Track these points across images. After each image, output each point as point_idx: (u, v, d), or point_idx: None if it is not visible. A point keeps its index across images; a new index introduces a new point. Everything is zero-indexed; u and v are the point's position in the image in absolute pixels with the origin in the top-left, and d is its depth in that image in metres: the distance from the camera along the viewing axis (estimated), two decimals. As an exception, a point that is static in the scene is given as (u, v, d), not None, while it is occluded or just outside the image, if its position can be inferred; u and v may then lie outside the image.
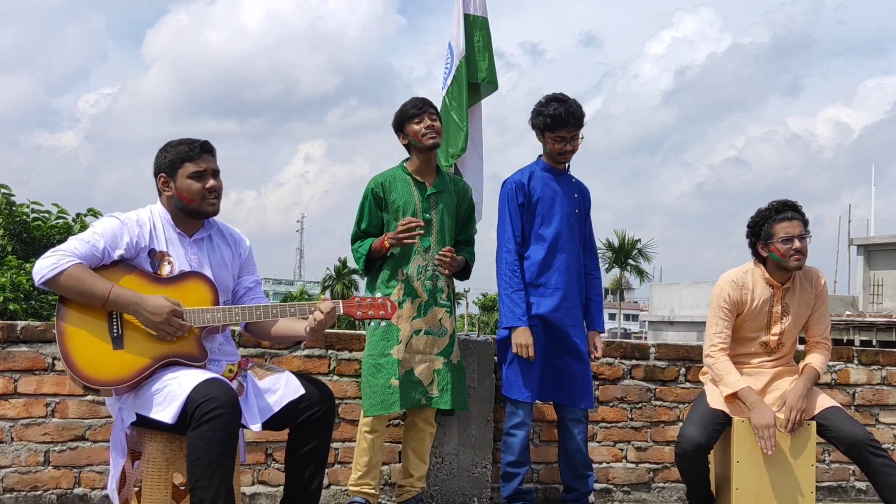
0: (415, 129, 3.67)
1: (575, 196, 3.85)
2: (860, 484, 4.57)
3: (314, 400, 2.81)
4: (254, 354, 3.85)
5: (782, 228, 3.46)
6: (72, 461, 3.67)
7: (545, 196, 3.77)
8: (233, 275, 2.98)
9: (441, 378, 3.62)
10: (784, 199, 3.55)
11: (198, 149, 2.83)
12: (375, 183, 3.72)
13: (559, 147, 3.75)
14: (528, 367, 3.67)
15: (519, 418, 3.70)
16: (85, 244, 2.66)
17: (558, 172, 3.84)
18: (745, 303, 3.55)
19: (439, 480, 3.97)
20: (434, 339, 3.64)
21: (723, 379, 3.48)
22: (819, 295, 3.63)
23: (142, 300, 2.64)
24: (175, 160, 2.82)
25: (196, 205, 2.82)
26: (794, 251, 3.44)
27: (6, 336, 3.63)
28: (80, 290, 2.61)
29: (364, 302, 2.89)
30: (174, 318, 2.65)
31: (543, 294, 3.73)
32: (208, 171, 2.83)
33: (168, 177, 2.83)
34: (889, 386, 4.66)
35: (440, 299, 3.68)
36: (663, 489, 4.37)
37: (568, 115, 3.68)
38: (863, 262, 28.09)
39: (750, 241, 3.60)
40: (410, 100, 3.76)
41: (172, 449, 2.71)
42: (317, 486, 2.85)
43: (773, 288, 3.56)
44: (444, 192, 3.75)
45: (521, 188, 3.76)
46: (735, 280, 3.56)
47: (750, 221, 3.60)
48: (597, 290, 3.89)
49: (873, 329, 22.59)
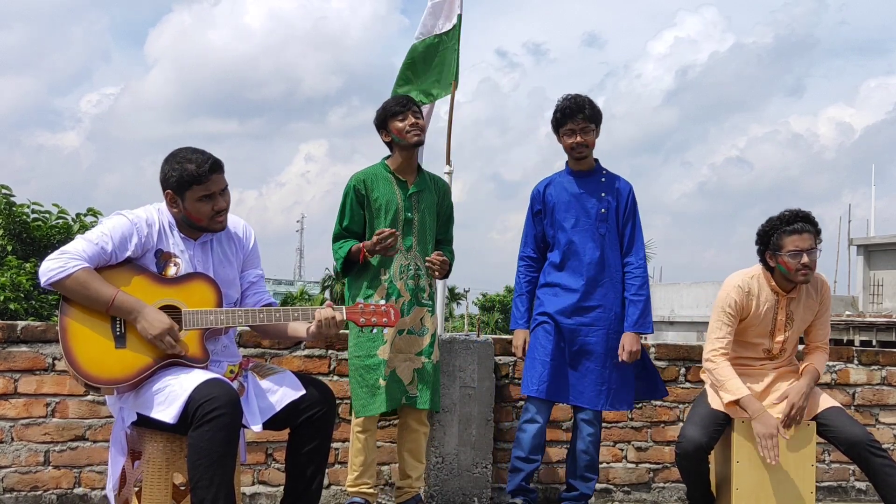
0: (398, 126, 3.65)
1: (603, 195, 3.80)
2: (860, 484, 4.57)
3: (315, 400, 2.81)
4: (254, 354, 3.85)
5: (792, 242, 3.39)
6: (72, 461, 3.67)
7: (560, 201, 3.79)
8: (237, 268, 2.97)
9: (421, 377, 3.63)
10: (796, 210, 3.47)
11: (207, 171, 2.74)
12: (357, 180, 3.69)
13: (570, 141, 3.75)
14: (538, 364, 3.68)
15: (529, 414, 3.70)
16: (93, 245, 2.65)
17: (583, 174, 3.82)
18: (749, 308, 3.51)
19: (439, 480, 3.97)
20: (415, 339, 3.64)
21: (724, 385, 3.44)
22: (823, 302, 3.60)
23: (144, 311, 2.64)
24: (182, 181, 2.73)
25: (204, 224, 2.81)
26: (803, 266, 3.39)
27: (6, 336, 3.63)
28: (84, 294, 2.61)
29: (367, 309, 2.89)
30: (168, 337, 2.64)
31: (556, 294, 3.74)
32: (217, 192, 2.78)
33: (175, 195, 2.77)
34: (889, 386, 4.66)
35: (422, 299, 3.68)
36: (663, 489, 4.37)
37: (573, 106, 3.72)
38: (863, 262, 28.08)
39: (758, 249, 3.54)
40: (393, 97, 3.76)
41: (173, 449, 2.71)
42: (317, 486, 2.86)
43: (779, 296, 3.53)
44: (424, 191, 3.75)
45: (538, 197, 3.85)
46: (741, 285, 3.51)
47: (760, 229, 3.53)
48: (634, 288, 3.75)
49: (873, 329, 22.59)
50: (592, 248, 3.74)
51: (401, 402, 3.60)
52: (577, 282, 3.72)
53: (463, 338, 4.06)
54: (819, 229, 3.48)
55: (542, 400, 3.69)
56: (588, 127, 3.75)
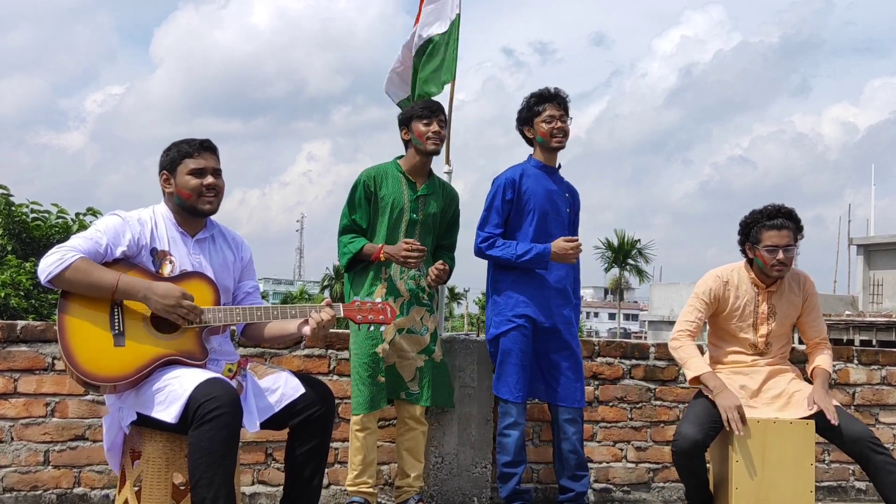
0: (421, 129, 3.67)
1: (566, 196, 3.86)
2: (860, 483, 4.57)
3: (314, 399, 2.82)
4: (253, 354, 3.85)
5: (769, 237, 3.46)
6: (72, 461, 3.67)
7: (536, 193, 3.75)
8: (234, 277, 2.99)
9: (423, 376, 3.66)
10: (779, 205, 3.53)
11: (198, 146, 2.85)
12: (367, 176, 3.71)
13: (550, 126, 3.73)
14: (516, 366, 3.68)
15: (512, 418, 3.71)
16: (88, 241, 2.68)
17: (550, 171, 3.83)
18: (726, 299, 3.58)
19: (439, 480, 3.97)
20: (415, 338, 3.66)
21: (686, 363, 3.54)
22: (808, 298, 3.65)
23: (151, 286, 2.67)
24: (176, 157, 2.85)
25: (193, 201, 2.83)
26: (778, 262, 3.46)
27: (6, 336, 3.63)
28: (87, 282, 2.61)
29: (364, 306, 2.91)
30: (184, 300, 2.66)
31: (534, 289, 3.73)
32: (208, 168, 2.85)
33: (169, 174, 2.86)
34: (889, 386, 4.66)
35: (422, 299, 3.71)
36: (663, 489, 4.37)
37: (552, 91, 3.76)
38: (863, 261, 28.08)
39: (739, 240, 3.62)
40: (424, 100, 3.80)
41: (172, 448, 2.71)
42: (316, 485, 2.86)
43: (759, 288, 3.58)
44: (432, 195, 3.76)
45: (512, 185, 3.75)
46: (720, 275, 3.61)
47: (742, 220, 3.61)
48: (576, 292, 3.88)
49: (873, 329, 22.56)
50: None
51: (399, 395, 3.63)
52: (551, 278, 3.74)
53: (463, 337, 4.06)
54: (800, 226, 3.54)
55: (521, 403, 3.71)
56: (565, 116, 3.76)
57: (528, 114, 3.81)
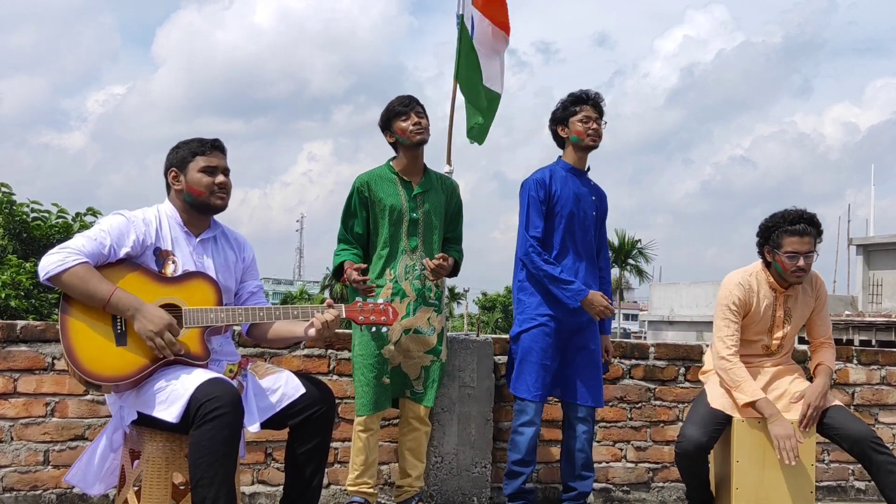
0: (402, 126, 3.65)
1: (593, 199, 3.83)
2: (860, 483, 4.58)
3: (314, 399, 2.81)
4: (254, 354, 3.85)
5: (791, 243, 3.42)
6: (71, 460, 3.66)
7: (564, 195, 3.74)
8: (236, 278, 3.00)
9: (428, 375, 3.65)
10: (801, 210, 3.47)
11: (209, 145, 2.88)
12: (361, 182, 3.69)
13: (586, 126, 3.73)
14: (536, 364, 3.67)
15: (528, 416, 3.70)
16: (92, 241, 2.67)
17: (579, 173, 3.82)
18: (751, 305, 3.53)
19: (439, 480, 3.97)
20: (422, 339, 3.64)
21: (739, 387, 3.43)
22: (819, 297, 3.62)
23: (142, 308, 2.64)
24: (187, 155, 2.87)
25: (205, 198, 2.85)
26: (798, 268, 3.42)
27: (6, 335, 3.63)
28: (82, 289, 2.61)
29: (367, 307, 2.91)
30: (167, 333, 2.63)
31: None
32: (219, 167, 2.87)
33: (179, 171, 2.87)
34: (888, 385, 4.66)
35: (429, 299, 3.68)
36: (663, 489, 4.37)
37: (590, 93, 3.77)
38: (862, 261, 28.06)
39: (758, 242, 3.56)
40: (397, 97, 3.73)
41: (172, 448, 2.71)
42: (316, 485, 2.86)
43: (777, 293, 3.55)
44: (430, 191, 3.74)
45: (542, 185, 3.72)
46: (742, 283, 3.53)
47: (762, 223, 3.54)
48: (608, 293, 3.84)
49: (873, 329, 22.57)
50: (587, 248, 3.78)
51: (404, 394, 3.63)
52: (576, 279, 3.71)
53: (462, 337, 4.06)
54: (821, 231, 3.49)
55: (539, 402, 3.70)
56: (600, 119, 3.77)
57: (563, 113, 3.79)
